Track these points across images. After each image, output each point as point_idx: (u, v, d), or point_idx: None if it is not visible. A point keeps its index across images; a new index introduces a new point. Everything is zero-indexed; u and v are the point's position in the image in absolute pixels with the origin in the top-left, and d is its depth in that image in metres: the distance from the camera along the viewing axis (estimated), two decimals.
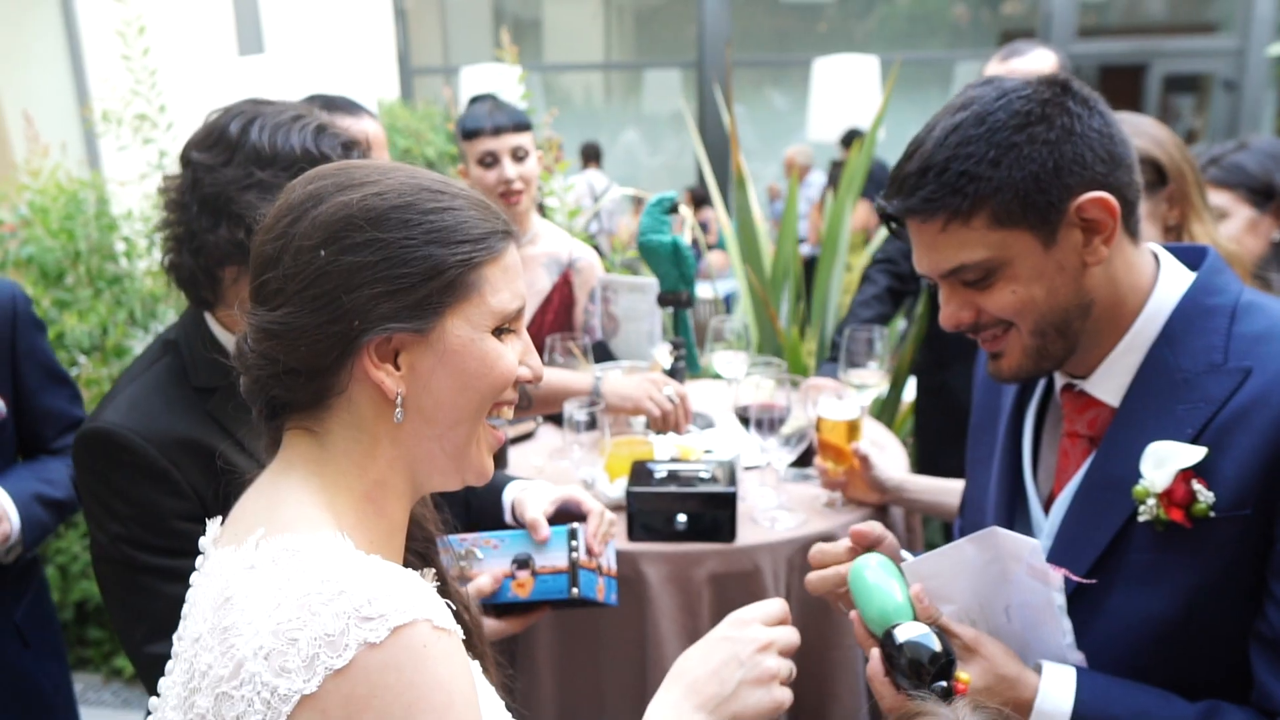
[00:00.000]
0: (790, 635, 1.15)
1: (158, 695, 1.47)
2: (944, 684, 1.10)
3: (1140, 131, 1.88)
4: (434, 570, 1.16)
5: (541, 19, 12.97)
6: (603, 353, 2.72)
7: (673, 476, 2.01)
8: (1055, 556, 1.27)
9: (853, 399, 2.13)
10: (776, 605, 1.16)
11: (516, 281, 1.02)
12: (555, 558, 1.61)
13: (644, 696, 1.97)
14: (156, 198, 1.52)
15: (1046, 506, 1.39)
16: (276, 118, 1.46)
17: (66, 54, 6.14)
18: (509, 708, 1.12)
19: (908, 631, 1.13)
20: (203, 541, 1.00)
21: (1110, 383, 1.29)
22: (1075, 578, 1.17)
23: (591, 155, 9.11)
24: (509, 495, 1.75)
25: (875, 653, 1.16)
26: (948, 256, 1.23)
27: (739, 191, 3.52)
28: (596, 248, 5.52)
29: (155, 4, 5.42)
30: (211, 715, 0.85)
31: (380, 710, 0.82)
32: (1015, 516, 1.42)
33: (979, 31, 11.78)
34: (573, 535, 1.62)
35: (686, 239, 4.58)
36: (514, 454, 2.40)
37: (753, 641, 1.11)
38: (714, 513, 1.95)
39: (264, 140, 1.44)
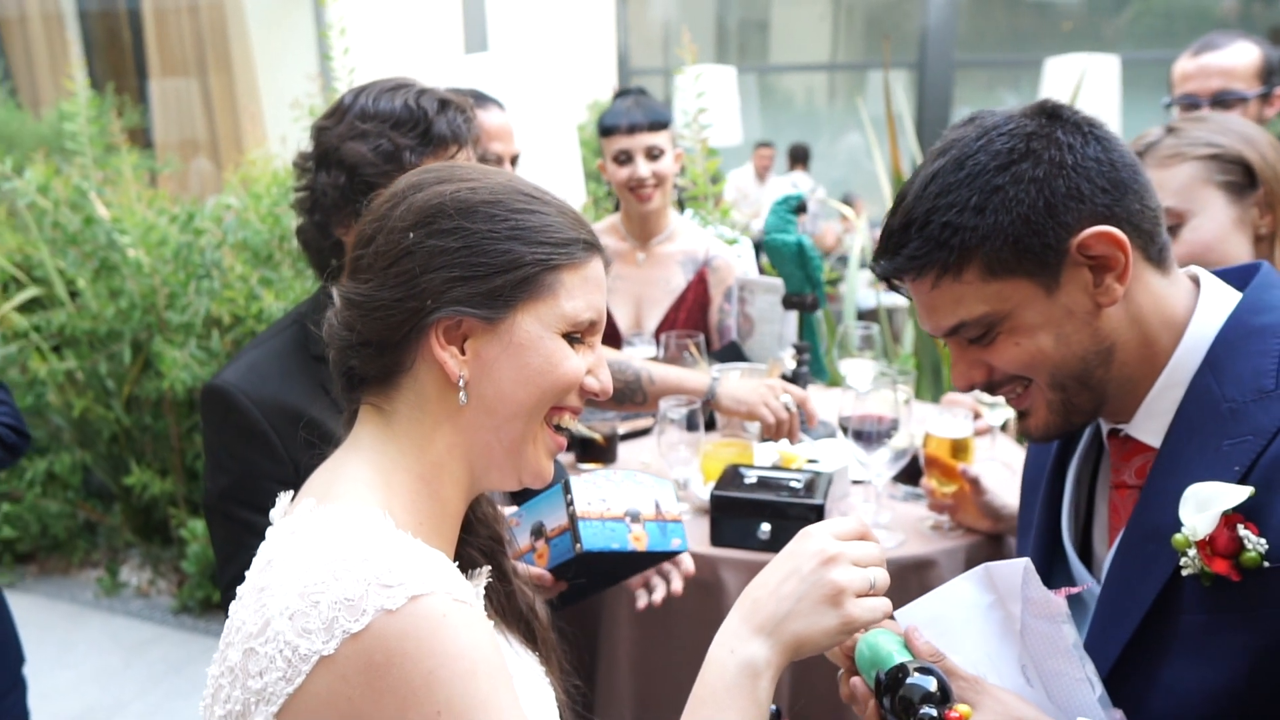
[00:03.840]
0: (866, 549, 1.02)
1: None
2: (932, 712, 0.98)
3: (1229, 129, 1.64)
4: (490, 567, 1.17)
5: (769, 20, 12.90)
6: (734, 353, 2.67)
7: (762, 483, 1.94)
8: (1099, 622, 1.14)
9: (965, 417, 1.98)
10: (851, 520, 1.07)
11: (595, 295, 1.04)
12: (559, 516, 1.47)
13: None
14: (295, 173, 1.65)
15: (1101, 569, 1.24)
16: (384, 86, 1.60)
17: (316, 55, 6.73)
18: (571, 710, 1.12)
19: (898, 667, 1.02)
20: (273, 513, 1.06)
21: (1153, 423, 1.14)
22: (1075, 589, 1.04)
23: (799, 157, 8.95)
24: None
25: (872, 704, 1.06)
26: (945, 315, 1.13)
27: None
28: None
29: (391, 5, 5.84)
30: (239, 669, 0.89)
31: (400, 678, 0.83)
32: (1053, 579, 1.27)
33: (1248, 27, 10.61)
34: (567, 489, 1.45)
35: (855, 243, 4.43)
36: (624, 449, 2.40)
37: (816, 554, 1.00)
38: (799, 525, 1.84)
39: (369, 102, 1.57)
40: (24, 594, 4.34)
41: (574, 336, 1.03)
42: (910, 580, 1.91)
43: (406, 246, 0.98)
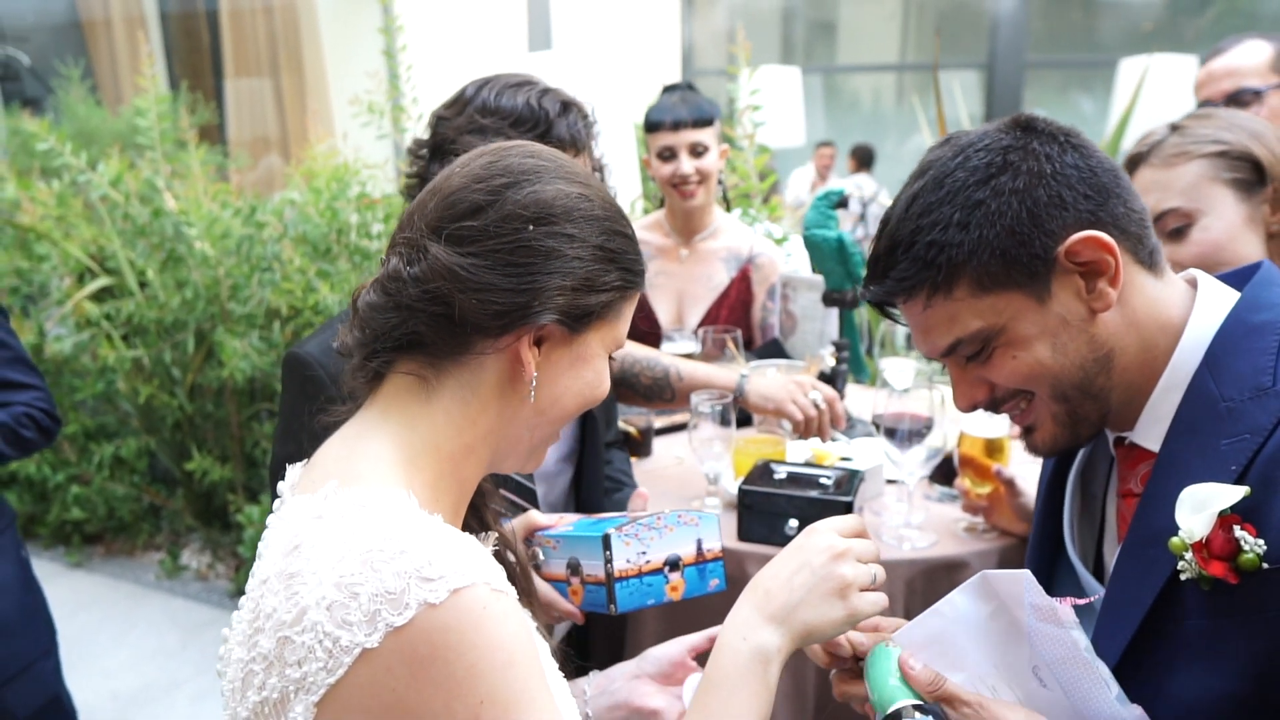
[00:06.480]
0: (867, 545, 1.07)
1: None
2: None
3: (1235, 125, 1.56)
4: (485, 522, 1.20)
5: (837, 20, 12.78)
6: (776, 351, 2.66)
7: (792, 480, 1.92)
8: (1101, 628, 1.11)
9: (1001, 417, 1.94)
10: (851, 518, 1.10)
11: (629, 318, 1.11)
12: (596, 566, 1.40)
13: None
14: (408, 159, 1.66)
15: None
16: (507, 82, 1.60)
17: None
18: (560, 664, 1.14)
19: (897, 711, 1.01)
20: (281, 486, 1.06)
21: (1156, 428, 1.12)
22: (1080, 600, 1.01)
23: (863, 159, 8.83)
24: None
25: None
26: (940, 334, 1.13)
27: None
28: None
29: (457, 3, 5.92)
30: (274, 657, 0.89)
31: (444, 670, 0.84)
32: (1056, 590, 1.25)
33: None
34: (606, 544, 1.37)
35: None
36: (658, 444, 2.40)
37: (826, 550, 1.05)
38: None
39: (491, 97, 1.58)
40: (90, 573, 4.51)
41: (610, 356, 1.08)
42: (942, 581, 1.87)
43: (525, 239, 0.97)
